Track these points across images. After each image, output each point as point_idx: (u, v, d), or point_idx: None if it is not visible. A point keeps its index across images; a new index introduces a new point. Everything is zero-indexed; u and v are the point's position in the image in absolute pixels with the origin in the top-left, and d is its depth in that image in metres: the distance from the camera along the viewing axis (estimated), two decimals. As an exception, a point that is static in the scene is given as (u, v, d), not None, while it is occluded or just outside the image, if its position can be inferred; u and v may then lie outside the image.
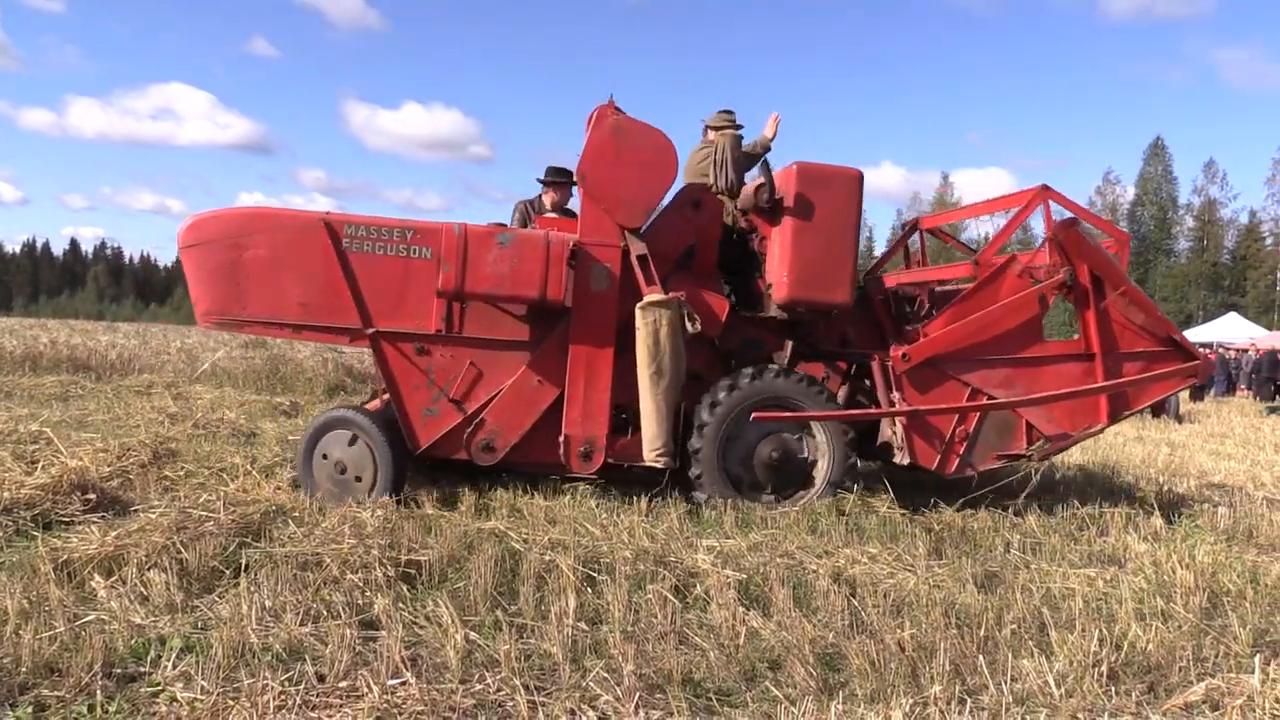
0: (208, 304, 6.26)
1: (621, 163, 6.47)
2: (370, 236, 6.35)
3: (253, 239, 6.23)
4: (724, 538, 5.53)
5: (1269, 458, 12.10)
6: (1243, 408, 24.27)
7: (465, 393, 6.51)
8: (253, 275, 6.23)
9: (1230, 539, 6.25)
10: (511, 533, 5.14)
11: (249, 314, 6.27)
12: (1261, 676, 3.73)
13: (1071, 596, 4.68)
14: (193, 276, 6.27)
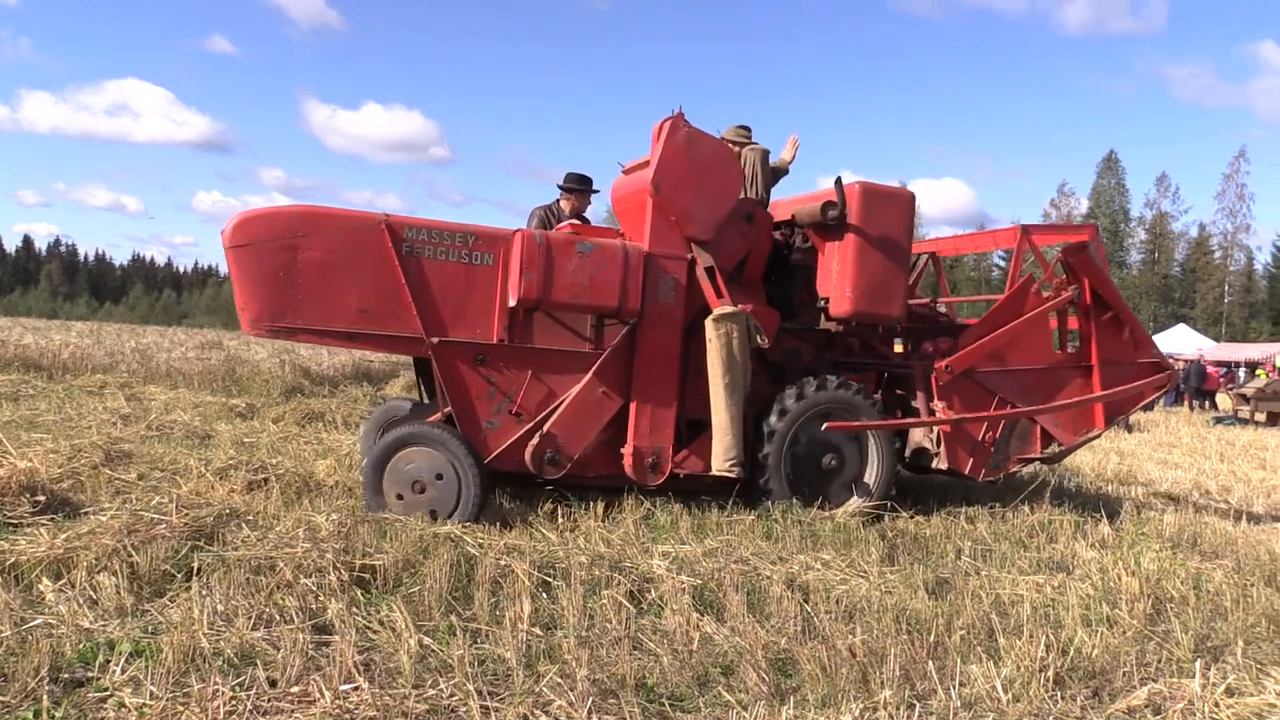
0: (258, 310, 5.87)
1: (692, 175, 6.42)
2: (432, 241, 6.12)
3: (308, 240, 5.89)
4: (680, 543, 5.56)
5: (1214, 467, 12.35)
6: (1189, 418, 24.73)
7: (527, 404, 6.29)
8: (307, 280, 5.90)
9: (1175, 546, 6.36)
10: (467, 537, 5.11)
11: (303, 321, 5.93)
12: (1202, 681, 3.82)
13: (1020, 603, 4.75)
14: (241, 280, 5.88)
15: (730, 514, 6.43)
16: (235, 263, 5.87)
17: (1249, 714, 3.62)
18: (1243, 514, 8.16)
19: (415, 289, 6.03)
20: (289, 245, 5.87)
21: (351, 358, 18.83)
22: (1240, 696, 3.76)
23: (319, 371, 15.54)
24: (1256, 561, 6.07)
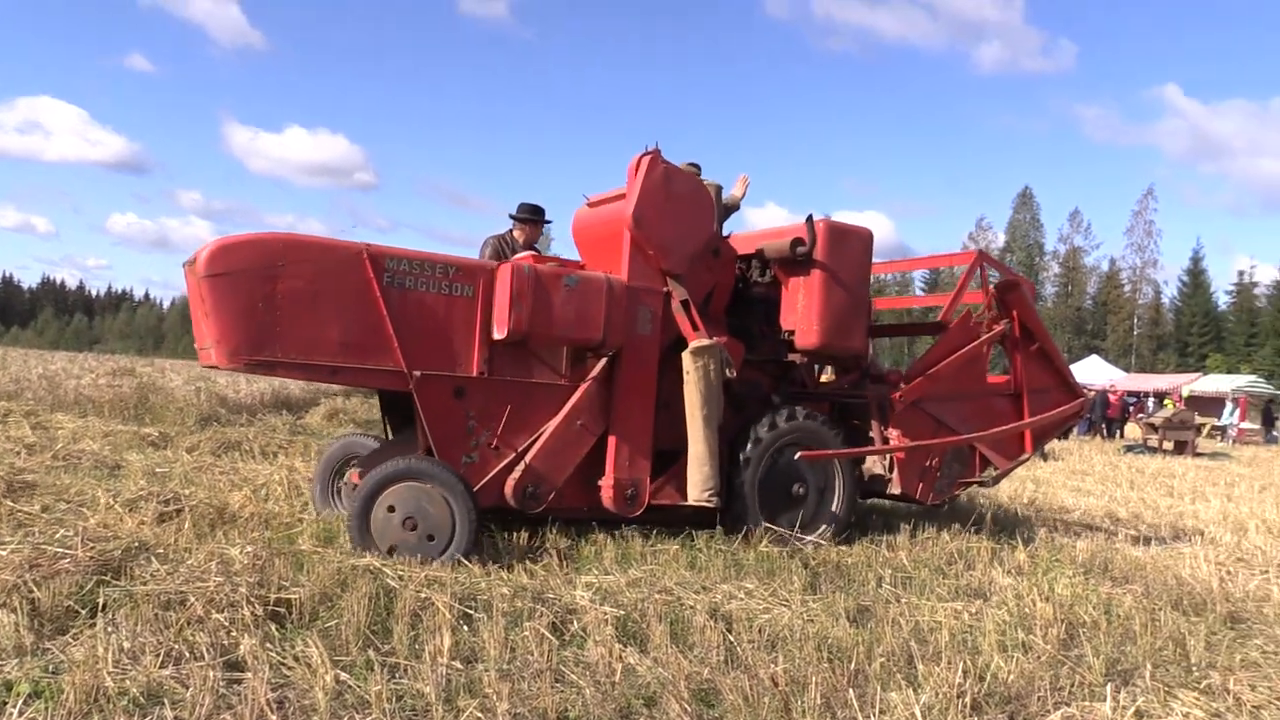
0: (237, 342, 5.54)
1: (669, 210, 6.52)
2: (413, 272, 5.98)
3: (289, 269, 5.64)
4: (604, 574, 5.53)
5: (1125, 494, 12.71)
6: (1102, 446, 25.45)
7: (505, 438, 6.24)
8: (288, 311, 5.65)
9: (1088, 572, 6.52)
10: (387, 569, 5.02)
11: (284, 355, 5.67)
12: (1113, 704, 3.91)
13: (939, 629, 4.82)
14: (218, 310, 5.52)
15: (654, 544, 6.42)
16: (211, 292, 5.52)
17: (1157, 736, 3.72)
18: (1151, 540, 8.40)
19: (397, 321, 5.89)
20: (269, 275, 5.61)
21: (270, 385, 18.45)
22: (1149, 719, 3.86)
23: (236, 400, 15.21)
24: (1164, 586, 6.25)
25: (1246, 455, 26.12)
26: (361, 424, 15.76)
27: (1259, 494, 13.71)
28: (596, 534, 6.53)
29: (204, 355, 5.79)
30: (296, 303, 5.68)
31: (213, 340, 5.57)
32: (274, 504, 7.15)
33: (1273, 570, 7.15)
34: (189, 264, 5.67)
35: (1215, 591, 6.11)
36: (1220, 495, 13.09)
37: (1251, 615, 5.82)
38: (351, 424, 15.51)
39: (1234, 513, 10.82)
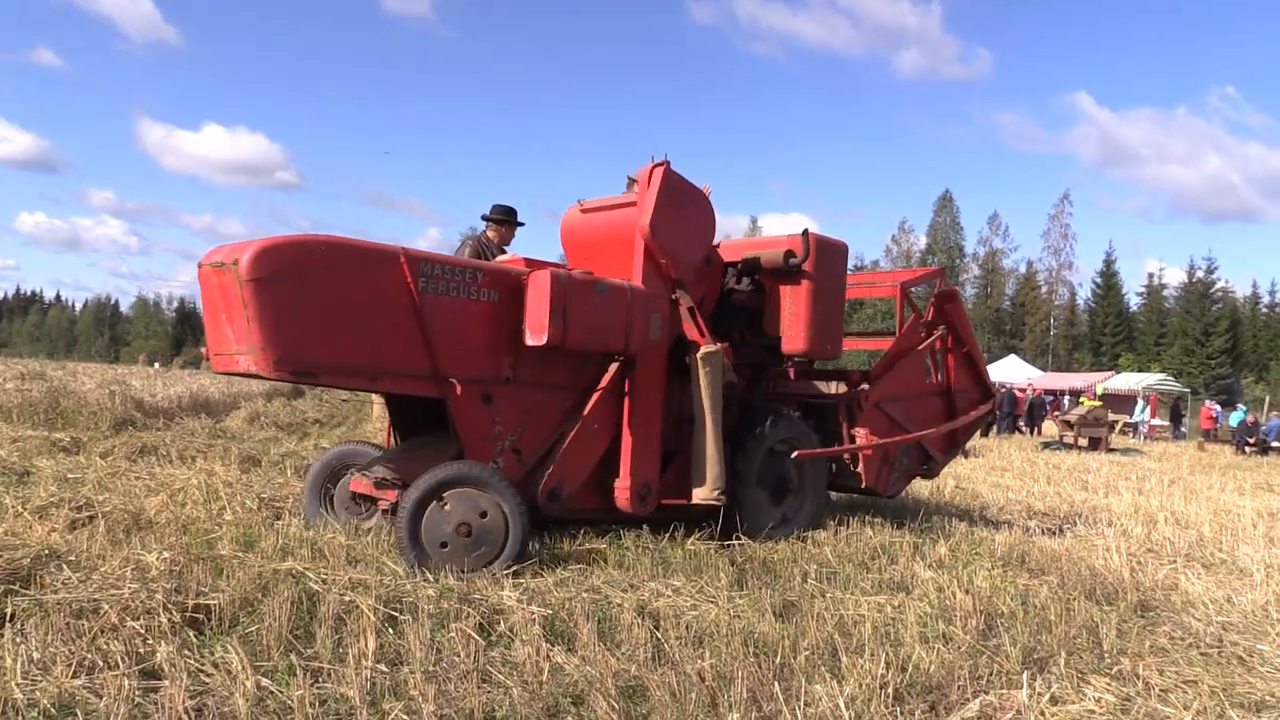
0: (282, 349, 5.29)
1: (678, 219, 6.73)
2: (445, 276, 5.90)
3: (331, 274, 5.47)
4: (531, 574, 5.51)
5: (1042, 489, 13.06)
6: (1021, 443, 26.07)
7: (525, 442, 6.29)
8: (330, 316, 5.47)
9: (1006, 564, 6.69)
10: (310, 573, 4.94)
11: (326, 361, 5.50)
12: (1029, 691, 4.02)
13: (862, 623, 4.90)
14: (263, 316, 5.26)
15: (582, 543, 6.42)
16: (256, 297, 5.24)
17: (1071, 721, 3.83)
18: (1067, 533, 8.64)
19: (431, 326, 5.82)
20: (313, 278, 5.41)
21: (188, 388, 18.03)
22: (1063, 704, 3.98)
23: (152, 403, 14.82)
24: (1078, 577, 6.43)
25: (1157, 451, 27.00)
26: (283, 427, 15.49)
27: (1168, 488, 14.18)
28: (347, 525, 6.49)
29: (230, 361, 5.55)
30: (338, 307, 5.51)
31: (255, 346, 5.30)
32: (192, 509, 6.99)
33: (1180, 560, 7.40)
34: (218, 265, 5.42)
35: (1126, 581, 6.31)
36: (1132, 489, 13.52)
37: (1160, 604, 6.02)
38: (273, 426, 15.24)
39: (1145, 506, 11.17)
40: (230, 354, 5.52)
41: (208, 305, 5.65)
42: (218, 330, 5.58)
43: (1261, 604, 6.03)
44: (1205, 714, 4.01)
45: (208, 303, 5.64)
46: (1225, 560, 7.62)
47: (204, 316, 5.75)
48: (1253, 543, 8.46)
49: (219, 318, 5.53)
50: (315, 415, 19.14)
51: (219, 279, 5.46)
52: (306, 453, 10.67)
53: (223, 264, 5.38)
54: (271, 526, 6.42)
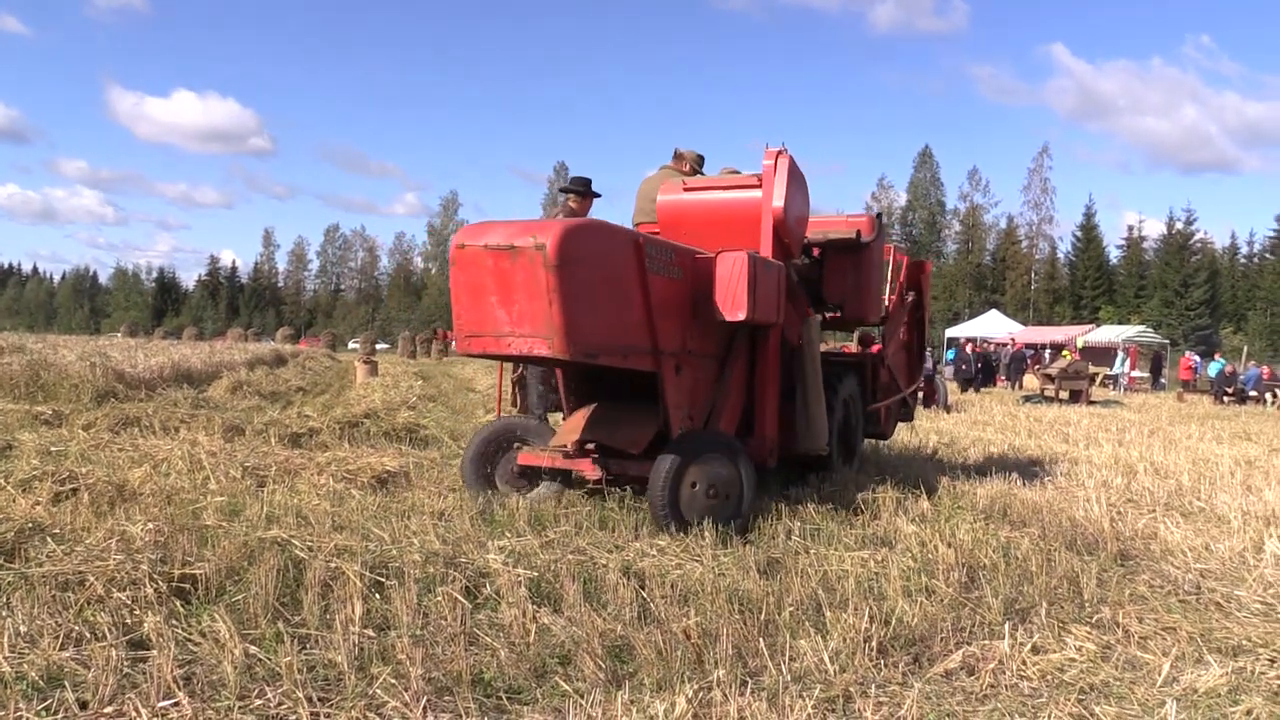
0: (577, 332, 5.51)
1: (794, 201, 7.25)
2: (658, 256, 6.16)
3: (603, 256, 5.74)
4: (517, 537, 5.53)
5: (1023, 442, 13.15)
6: (1002, 397, 26.26)
7: (696, 409, 6.69)
8: (602, 297, 5.75)
9: (988, 518, 6.75)
10: (295, 541, 4.94)
11: (600, 341, 5.74)
12: (1010, 641, 4.08)
13: (846, 578, 4.94)
14: (566, 299, 5.41)
15: (567, 506, 6.44)
16: (561, 281, 5.39)
17: (1052, 669, 3.89)
18: (1048, 484, 8.72)
19: (652, 303, 6.05)
20: (594, 261, 5.68)
21: (169, 358, 17.91)
22: (1044, 653, 4.03)
23: (134, 374, 14.71)
24: (1059, 528, 6.50)
25: (1137, 402, 27.23)
26: (266, 396, 15.44)
27: (1148, 438, 14.31)
28: (510, 499, 6.54)
29: (497, 344, 5.74)
30: (606, 289, 5.77)
31: (556, 329, 5.44)
32: (176, 479, 6.98)
33: (1159, 510, 7.48)
34: (503, 248, 5.50)
35: (1106, 531, 6.38)
36: (1112, 440, 13.63)
37: (1140, 553, 6.09)
38: (256, 395, 15.18)
39: (1124, 456, 11.28)
40: (502, 336, 5.66)
41: (469, 287, 5.70)
42: (483, 312, 5.68)
43: (1238, 551, 6.11)
44: (1184, 659, 4.07)
45: (469, 284, 5.70)
46: (1203, 509, 7.71)
47: (458, 298, 5.78)
48: (1230, 491, 8.56)
49: (487, 300, 5.64)
50: (299, 383, 19.08)
51: (497, 261, 5.53)
52: (290, 420, 10.63)
53: (514, 247, 5.46)
54: (256, 495, 6.42)
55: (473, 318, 5.75)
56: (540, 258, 5.39)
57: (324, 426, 10.28)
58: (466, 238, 5.74)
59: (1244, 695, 3.69)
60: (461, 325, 5.82)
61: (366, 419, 10.89)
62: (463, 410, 14.87)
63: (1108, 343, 43.46)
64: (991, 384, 31.76)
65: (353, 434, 10.14)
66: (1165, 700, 3.60)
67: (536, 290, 5.45)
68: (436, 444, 10.11)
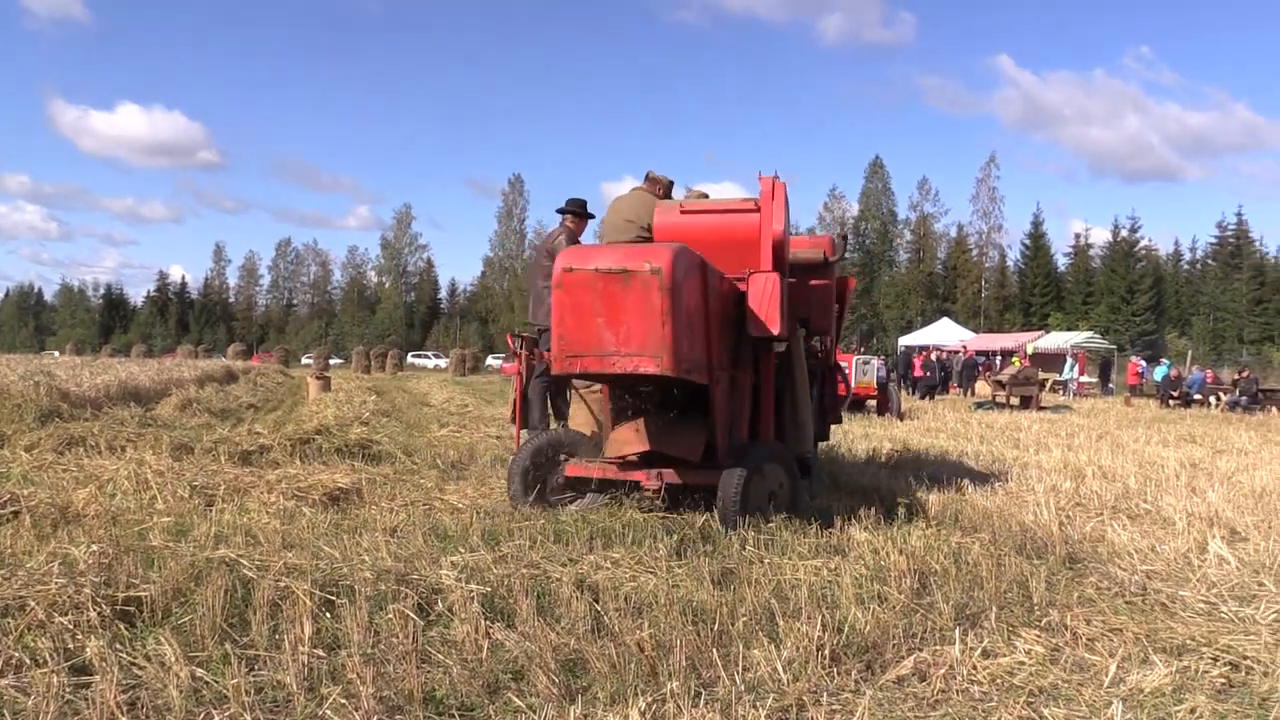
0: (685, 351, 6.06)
1: (787, 225, 7.53)
2: (711, 277, 6.48)
3: (693, 279, 6.20)
4: (470, 552, 5.49)
5: (975, 448, 13.32)
6: (955, 404, 26.58)
7: (737, 418, 7.10)
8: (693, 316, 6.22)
9: (940, 524, 6.82)
10: (244, 560, 4.87)
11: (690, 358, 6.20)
12: (961, 646, 4.12)
13: (799, 587, 4.96)
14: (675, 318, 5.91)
15: (520, 520, 6.41)
16: (673, 301, 5.82)
17: (1001, 672, 3.94)
18: (999, 490, 8.83)
19: (710, 320, 6.40)
20: (689, 281, 6.09)
21: (116, 376, 17.60)
22: (995, 658, 4.08)
23: (79, 394, 14.43)
24: (1009, 533, 6.59)
25: (1086, 407, 27.70)
26: (216, 413, 15.22)
27: (1096, 442, 14.57)
28: (465, 514, 6.50)
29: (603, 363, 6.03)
30: (694, 309, 6.15)
31: (665, 348, 5.85)
32: (122, 500, 6.86)
33: (1107, 513, 7.62)
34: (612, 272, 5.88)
35: (1055, 535, 6.48)
36: (1061, 445, 13.85)
37: (1087, 555, 6.19)
38: (206, 413, 14.96)
39: (1073, 461, 11.47)
40: (607, 355, 5.98)
41: (572, 308, 5.99)
42: (589, 333, 5.98)
43: (1183, 552, 6.23)
44: (1130, 660, 4.13)
45: (573, 305, 5.98)
46: (1149, 511, 7.85)
47: (562, 320, 6.05)
48: (1175, 493, 8.73)
49: (594, 321, 5.95)
50: (250, 400, 18.84)
51: (606, 284, 5.88)
52: (240, 438, 10.48)
53: (627, 271, 5.85)
54: (204, 514, 6.32)
55: (577, 338, 6.02)
56: (656, 281, 5.80)
57: (275, 443, 10.15)
58: (573, 261, 6.03)
59: (1188, 694, 3.76)
60: (564, 346, 6.06)
61: (319, 435, 10.76)
62: (417, 425, 14.76)
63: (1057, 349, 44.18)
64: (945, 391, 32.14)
65: (305, 451, 10.01)
66: (1112, 701, 3.65)
67: (650, 312, 5.84)
68: (390, 459, 10.02)
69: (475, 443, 11.36)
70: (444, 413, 17.50)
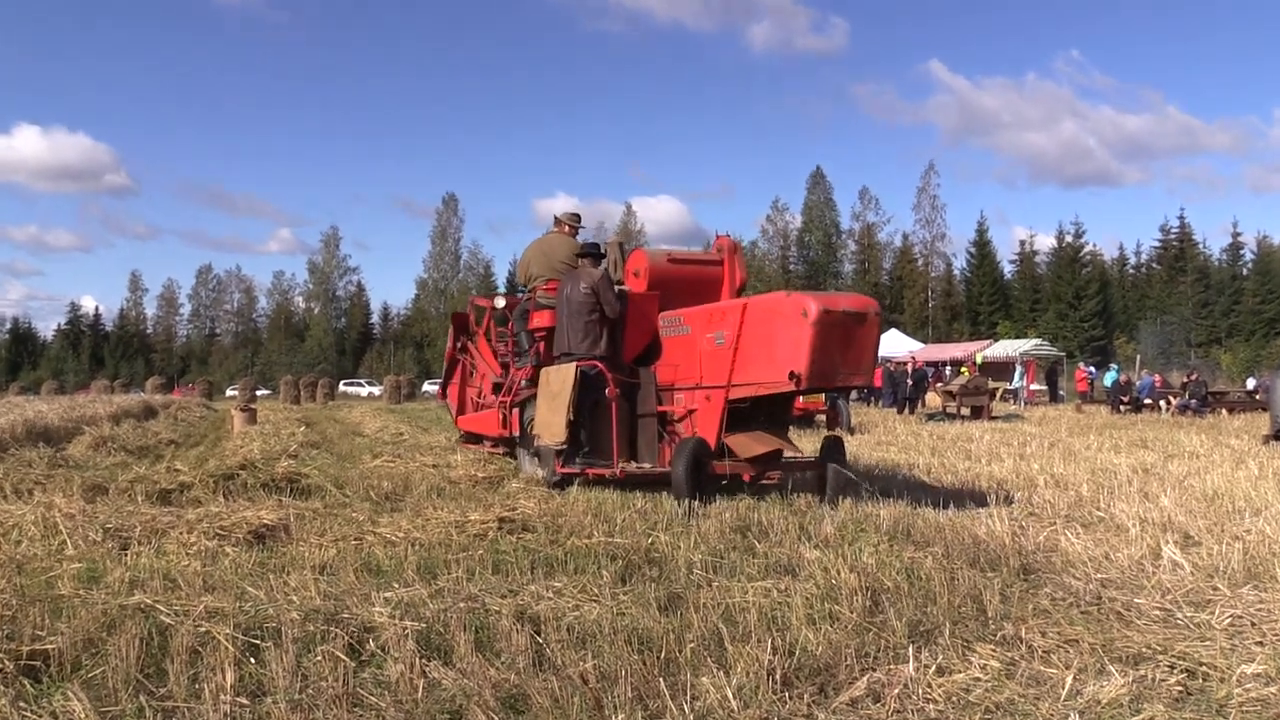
0: None
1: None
2: None
3: None
4: (404, 586, 5.39)
5: (927, 460, 13.46)
6: (905, 417, 26.86)
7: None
8: None
9: (892, 539, 6.85)
10: (161, 606, 4.73)
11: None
12: (916, 664, 4.12)
13: (749, 609, 4.94)
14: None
15: (458, 551, 6.33)
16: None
17: (957, 689, 3.94)
18: (950, 502, 8.91)
19: None
20: None
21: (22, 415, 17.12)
22: (950, 674, 4.09)
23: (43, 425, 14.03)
24: (962, 546, 6.64)
25: (1037, 415, 28.17)
26: (133, 451, 14.87)
27: (1048, 450, 14.80)
28: (399, 547, 6.41)
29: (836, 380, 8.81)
30: None
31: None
32: (29, 546, 6.64)
33: (1060, 521, 7.71)
34: (859, 316, 8.56)
35: (1008, 546, 6.54)
36: (1014, 454, 14.05)
37: (1041, 565, 6.25)
38: (122, 451, 14.61)
39: (1025, 470, 11.63)
40: (836, 375, 8.59)
41: (824, 341, 8.23)
42: (829, 359, 8.35)
43: (1137, 558, 6.32)
44: (1086, 671, 4.17)
45: (824, 339, 8.23)
46: (1103, 518, 7.97)
47: (818, 348, 8.21)
48: (1128, 499, 8.88)
49: (834, 350, 8.36)
50: (170, 436, 18.46)
51: (847, 322, 8.43)
52: (159, 476, 10.23)
53: (864, 314, 8.60)
54: (118, 559, 6.14)
55: (823, 363, 8.30)
56: (877, 321, 8.74)
57: (196, 481, 9.93)
58: (828, 304, 8.37)
59: (1145, 704, 3.79)
60: (814, 368, 8.23)
61: (243, 470, 10.55)
62: (349, 456, 14.55)
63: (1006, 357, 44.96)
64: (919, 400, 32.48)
65: (228, 487, 9.81)
66: (1069, 714, 3.68)
67: (869, 342, 8.68)
68: (320, 493, 9.84)
69: (411, 472, 11.20)
70: (378, 442, 17.27)
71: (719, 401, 9.01)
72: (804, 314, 8.18)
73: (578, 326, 9.81)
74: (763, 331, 8.67)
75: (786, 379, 8.28)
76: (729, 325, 8.98)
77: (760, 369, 8.67)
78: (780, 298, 8.86)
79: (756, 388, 8.76)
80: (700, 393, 9.30)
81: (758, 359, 8.69)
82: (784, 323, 8.45)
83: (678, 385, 9.64)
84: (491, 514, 7.45)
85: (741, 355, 8.80)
